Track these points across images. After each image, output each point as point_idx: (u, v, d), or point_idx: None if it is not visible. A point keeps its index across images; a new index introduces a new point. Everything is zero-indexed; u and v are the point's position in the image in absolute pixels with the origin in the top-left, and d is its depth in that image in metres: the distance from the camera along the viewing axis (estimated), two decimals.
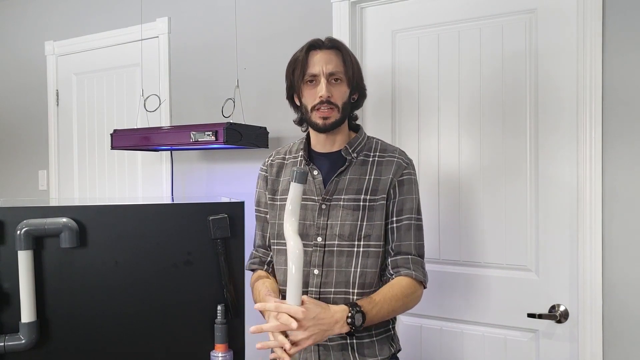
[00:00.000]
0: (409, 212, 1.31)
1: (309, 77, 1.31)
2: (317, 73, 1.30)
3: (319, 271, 1.30)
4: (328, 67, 1.30)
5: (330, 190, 1.32)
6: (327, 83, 1.29)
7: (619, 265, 1.54)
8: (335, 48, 1.33)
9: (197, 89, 2.33)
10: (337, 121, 1.31)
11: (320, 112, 1.30)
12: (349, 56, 1.33)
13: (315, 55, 1.31)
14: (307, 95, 1.32)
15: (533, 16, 1.67)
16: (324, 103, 1.29)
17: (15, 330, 1.20)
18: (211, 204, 1.35)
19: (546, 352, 1.66)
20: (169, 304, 1.30)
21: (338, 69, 1.30)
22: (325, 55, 1.31)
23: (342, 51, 1.33)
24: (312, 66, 1.30)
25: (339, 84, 1.31)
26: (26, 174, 2.91)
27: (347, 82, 1.32)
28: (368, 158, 1.35)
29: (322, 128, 1.32)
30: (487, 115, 1.75)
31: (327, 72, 1.29)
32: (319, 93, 1.29)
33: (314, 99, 1.30)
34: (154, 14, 2.42)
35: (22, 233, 1.18)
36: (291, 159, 1.42)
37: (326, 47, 1.32)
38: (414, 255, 1.31)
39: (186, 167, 2.38)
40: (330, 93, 1.29)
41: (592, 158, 1.56)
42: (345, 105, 1.32)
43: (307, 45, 1.33)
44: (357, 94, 1.39)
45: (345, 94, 1.32)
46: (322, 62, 1.30)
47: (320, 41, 1.33)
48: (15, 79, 2.94)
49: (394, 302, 1.24)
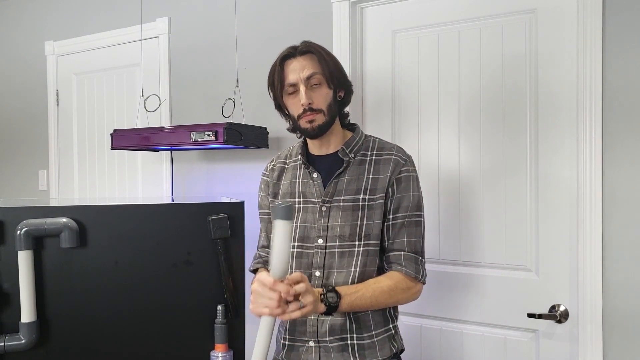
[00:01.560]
0: (405, 210, 1.31)
1: (289, 87, 1.31)
2: (295, 82, 1.30)
3: (321, 273, 1.30)
4: (304, 73, 1.29)
5: (329, 192, 1.32)
6: (307, 89, 1.29)
7: (619, 265, 1.54)
8: (308, 52, 1.32)
9: (197, 89, 2.33)
10: (324, 124, 1.31)
11: (305, 117, 1.30)
12: (323, 57, 1.31)
13: (290, 65, 1.31)
14: (290, 105, 1.33)
15: (533, 16, 1.67)
16: (307, 111, 1.29)
17: (15, 330, 1.20)
18: (211, 204, 1.36)
19: (546, 352, 1.66)
20: (169, 304, 1.30)
21: (315, 73, 1.30)
22: (299, 63, 1.30)
23: (315, 53, 1.31)
24: (288, 76, 1.30)
25: (319, 87, 1.30)
26: (26, 174, 2.91)
27: (327, 83, 1.31)
28: (365, 157, 1.35)
29: (311, 133, 1.32)
30: (486, 116, 1.75)
31: (304, 78, 1.29)
32: (300, 102, 1.29)
33: (298, 107, 1.31)
34: (154, 14, 2.42)
35: (22, 233, 1.18)
36: (292, 163, 1.43)
37: (300, 54, 1.31)
38: (407, 252, 1.30)
39: (186, 167, 2.38)
40: (310, 99, 1.28)
41: (592, 158, 1.56)
42: (330, 107, 1.32)
43: (281, 57, 1.33)
44: (342, 91, 1.38)
45: (328, 95, 1.32)
46: (297, 70, 1.29)
47: (293, 50, 1.32)
48: (15, 79, 2.94)
49: (377, 292, 1.25)
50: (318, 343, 1.30)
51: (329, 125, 1.32)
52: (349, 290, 1.22)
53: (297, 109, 1.31)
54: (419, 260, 1.31)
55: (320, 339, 1.30)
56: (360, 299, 1.23)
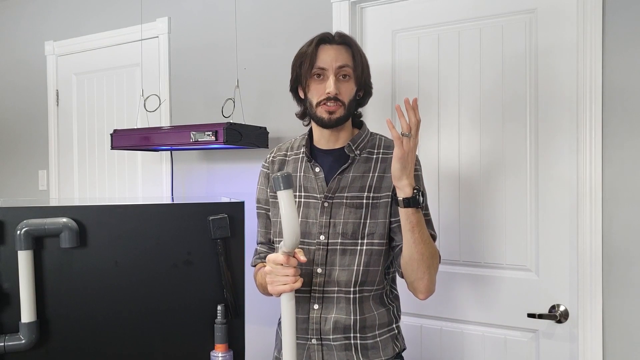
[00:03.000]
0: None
1: (317, 70, 1.29)
2: (326, 67, 1.28)
3: (322, 270, 1.29)
4: (337, 62, 1.28)
5: (332, 188, 1.31)
6: (336, 79, 1.28)
7: (619, 264, 1.54)
8: (346, 44, 1.31)
9: (197, 89, 2.33)
10: (342, 117, 1.30)
11: (326, 107, 1.28)
12: (359, 53, 1.32)
13: (325, 50, 1.30)
14: (313, 90, 1.31)
15: (533, 16, 1.67)
16: (331, 99, 1.28)
17: (15, 330, 1.20)
18: (211, 204, 1.35)
19: (546, 352, 1.66)
20: (169, 304, 1.30)
21: (347, 66, 1.29)
22: (335, 51, 1.29)
23: (352, 48, 1.32)
24: (321, 60, 1.29)
25: (347, 80, 1.30)
26: (26, 174, 2.91)
27: (355, 79, 1.31)
28: (372, 155, 1.34)
29: (327, 123, 1.30)
30: (487, 115, 1.75)
31: (336, 67, 1.28)
32: (327, 89, 1.27)
33: (321, 94, 1.29)
34: (154, 14, 2.42)
35: (22, 233, 1.18)
36: (293, 155, 1.41)
37: (337, 42, 1.31)
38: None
39: (186, 167, 2.38)
40: (337, 90, 1.28)
41: (592, 158, 1.56)
42: (351, 102, 1.31)
43: (318, 39, 1.31)
44: (362, 92, 1.37)
45: (352, 91, 1.32)
46: (331, 57, 1.28)
47: (330, 35, 1.32)
48: (15, 79, 2.95)
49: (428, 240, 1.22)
50: (321, 341, 1.30)
51: (345, 119, 1.32)
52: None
53: (320, 95, 1.29)
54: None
55: (323, 336, 1.30)
56: (424, 227, 1.21)
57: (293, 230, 1.08)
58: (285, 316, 1.14)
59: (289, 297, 1.14)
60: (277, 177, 1.06)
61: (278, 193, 1.07)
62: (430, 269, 1.23)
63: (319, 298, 1.30)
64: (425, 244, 1.20)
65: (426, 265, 1.22)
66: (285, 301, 1.14)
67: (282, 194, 1.07)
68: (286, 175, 1.07)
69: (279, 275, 1.14)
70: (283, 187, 1.06)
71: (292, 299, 1.15)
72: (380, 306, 1.33)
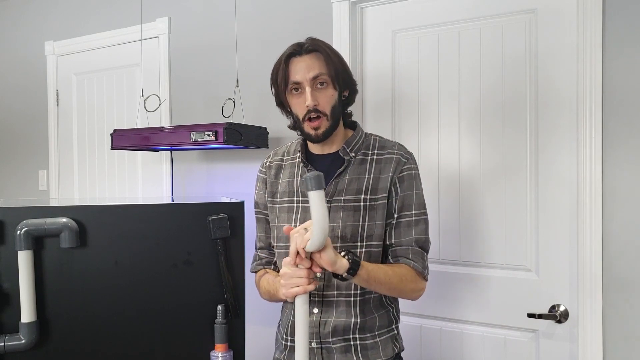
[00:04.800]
0: (410, 209, 1.30)
1: (293, 85, 1.29)
2: (301, 81, 1.27)
3: (322, 274, 1.29)
4: (310, 73, 1.26)
5: (329, 191, 1.31)
6: (312, 90, 1.26)
7: (619, 264, 1.54)
8: (315, 51, 1.28)
9: (197, 89, 2.33)
10: (328, 130, 1.29)
11: (309, 123, 1.28)
12: (329, 56, 1.28)
13: (295, 63, 1.28)
14: (295, 105, 1.30)
15: (533, 16, 1.67)
16: (312, 111, 1.27)
17: (15, 330, 1.20)
18: (211, 204, 1.35)
19: (546, 352, 1.66)
20: (169, 304, 1.30)
21: (322, 73, 1.27)
22: (305, 62, 1.27)
23: (322, 52, 1.28)
24: (294, 74, 1.27)
25: (324, 87, 1.28)
26: (26, 174, 2.91)
27: (333, 84, 1.29)
28: (367, 157, 1.33)
29: (315, 139, 1.30)
30: (487, 115, 1.75)
31: (310, 78, 1.26)
32: (305, 103, 1.26)
33: (302, 108, 1.28)
34: (154, 14, 2.42)
35: (22, 233, 1.18)
36: (289, 160, 1.41)
37: (306, 52, 1.28)
38: (414, 247, 1.29)
39: (186, 167, 2.38)
40: (316, 101, 1.26)
41: (592, 158, 1.56)
42: (334, 109, 1.30)
43: (287, 54, 1.29)
44: (347, 91, 1.36)
45: (333, 97, 1.29)
46: (303, 69, 1.26)
47: (298, 47, 1.29)
48: (15, 79, 2.94)
49: (390, 273, 1.23)
50: (320, 344, 1.29)
51: (333, 129, 1.31)
52: (365, 263, 1.20)
53: (302, 109, 1.28)
54: (424, 256, 1.31)
55: (322, 340, 1.29)
56: (376, 271, 1.20)
57: (322, 230, 1.06)
58: (299, 320, 1.12)
59: (302, 301, 1.11)
60: (307, 179, 1.04)
61: (309, 194, 1.06)
62: (404, 289, 1.27)
63: (319, 302, 1.30)
64: (387, 280, 1.23)
65: (398, 291, 1.28)
66: (299, 305, 1.12)
67: (313, 194, 1.05)
68: (317, 177, 1.04)
69: (293, 277, 1.12)
70: (314, 188, 1.05)
71: (306, 302, 1.12)
72: (381, 308, 1.33)
